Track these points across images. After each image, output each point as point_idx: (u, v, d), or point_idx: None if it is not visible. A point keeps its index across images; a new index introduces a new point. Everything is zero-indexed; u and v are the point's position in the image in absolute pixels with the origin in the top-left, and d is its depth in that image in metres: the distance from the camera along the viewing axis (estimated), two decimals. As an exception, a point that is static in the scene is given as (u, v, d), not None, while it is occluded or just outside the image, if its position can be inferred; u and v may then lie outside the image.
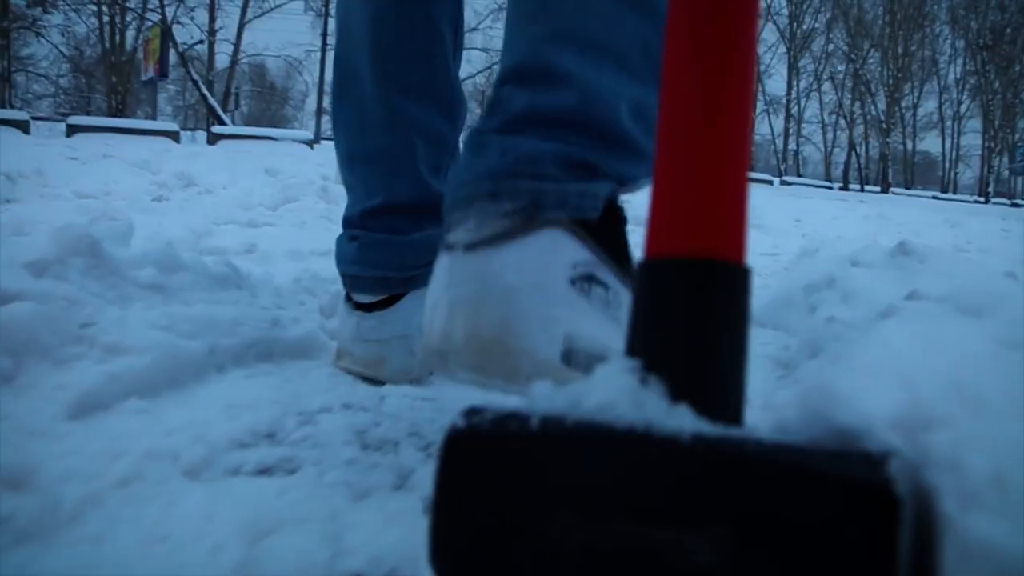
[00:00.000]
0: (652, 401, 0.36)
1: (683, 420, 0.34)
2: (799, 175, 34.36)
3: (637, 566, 0.33)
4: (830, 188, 25.97)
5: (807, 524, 0.30)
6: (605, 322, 0.65)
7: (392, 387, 1.02)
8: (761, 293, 1.87)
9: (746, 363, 0.39)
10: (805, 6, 36.37)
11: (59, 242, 0.99)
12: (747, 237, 0.40)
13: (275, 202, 2.93)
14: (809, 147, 40.32)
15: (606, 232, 0.68)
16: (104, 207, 2.43)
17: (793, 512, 0.31)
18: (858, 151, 36.70)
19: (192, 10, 30.02)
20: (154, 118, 29.60)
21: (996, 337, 0.62)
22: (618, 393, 0.36)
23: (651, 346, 0.39)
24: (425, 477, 0.77)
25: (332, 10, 30.07)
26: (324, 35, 28.59)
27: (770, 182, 25.15)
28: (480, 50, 35.05)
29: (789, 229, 5.39)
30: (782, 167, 35.15)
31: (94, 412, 0.83)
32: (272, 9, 32.11)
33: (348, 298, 1.09)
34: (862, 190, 28.63)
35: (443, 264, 0.66)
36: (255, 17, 31.98)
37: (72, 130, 19.84)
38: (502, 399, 0.44)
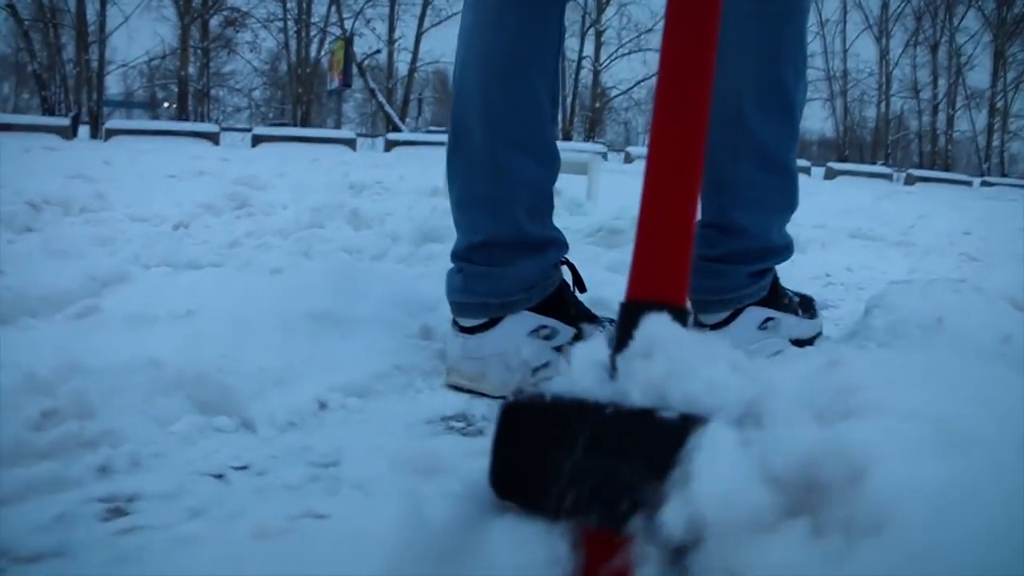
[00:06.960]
0: (615, 386, 0.61)
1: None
2: (1004, 174, 31.35)
3: (607, 481, 0.56)
4: (1040, 189, 23.41)
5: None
6: (769, 336, 1.50)
7: None
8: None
9: None
10: (1016, -12, 33.11)
11: None
12: (685, 285, 0.66)
13: (300, 227, 2.70)
14: (1017, 143, 36.67)
15: (773, 292, 1.51)
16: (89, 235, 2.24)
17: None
18: (1077, 147, 32.98)
19: (369, 21, 31.29)
20: (339, 126, 31.03)
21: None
22: (596, 383, 0.63)
23: (617, 350, 0.64)
24: None
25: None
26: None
27: (969, 183, 23.01)
28: (655, 51, 34.32)
29: (945, 247, 4.59)
30: (984, 167, 32.15)
31: None
32: (448, 17, 32.87)
33: (454, 323, 1.33)
34: (1080, 191, 25.64)
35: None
36: (432, 26, 32.90)
37: (256, 140, 21.11)
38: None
